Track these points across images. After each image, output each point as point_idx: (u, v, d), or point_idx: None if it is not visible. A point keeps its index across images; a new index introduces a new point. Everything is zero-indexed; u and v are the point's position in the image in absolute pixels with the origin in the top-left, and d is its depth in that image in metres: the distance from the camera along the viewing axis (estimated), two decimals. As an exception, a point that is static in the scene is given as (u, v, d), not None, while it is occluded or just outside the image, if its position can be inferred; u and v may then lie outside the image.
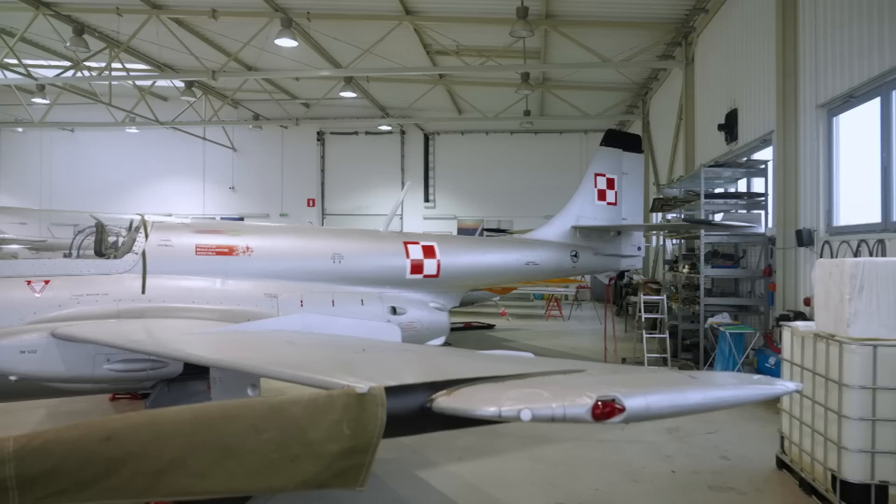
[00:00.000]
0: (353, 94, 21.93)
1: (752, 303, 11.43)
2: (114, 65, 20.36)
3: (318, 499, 5.88)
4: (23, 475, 1.88)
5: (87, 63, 20.88)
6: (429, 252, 8.99)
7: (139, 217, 7.35)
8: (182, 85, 23.66)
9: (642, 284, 17.49)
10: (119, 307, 6.64)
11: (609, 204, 11.43)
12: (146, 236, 7.14)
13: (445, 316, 9.03)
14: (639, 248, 11.51)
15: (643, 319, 11.81)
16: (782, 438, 6.69)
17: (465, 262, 9.33)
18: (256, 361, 3.78)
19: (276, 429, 2.11)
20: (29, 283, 6.41)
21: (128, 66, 21.76)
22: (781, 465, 6.67)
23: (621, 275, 21.07)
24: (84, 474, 1.96)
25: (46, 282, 6.49)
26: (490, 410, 2.30)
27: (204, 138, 28.25)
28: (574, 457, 7.16)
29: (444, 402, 2.43)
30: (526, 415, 2.22)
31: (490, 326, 17.78)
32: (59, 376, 5.74)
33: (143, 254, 7.02)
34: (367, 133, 29.08)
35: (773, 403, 7.59)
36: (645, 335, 11.70)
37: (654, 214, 17.26)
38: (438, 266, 8.99)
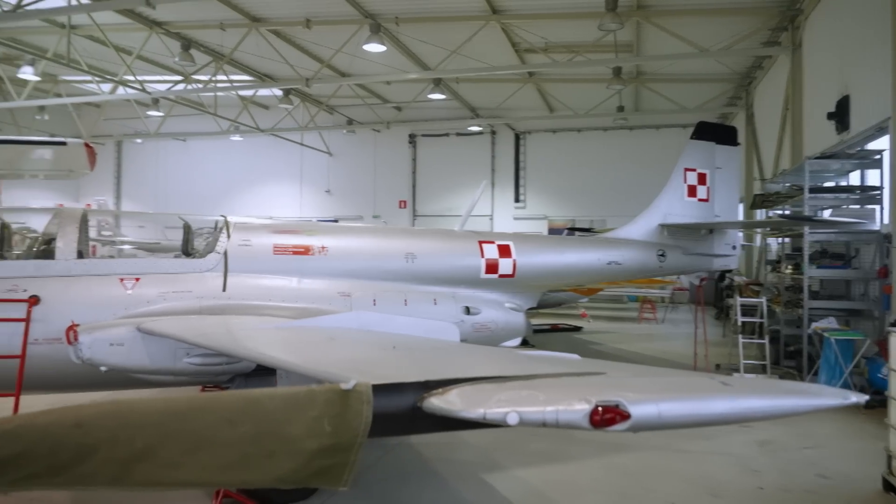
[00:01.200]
0: (442, 96, 22.07)
1: (865, 307, 10.41)
2: (219, 76, 21.60)
3: (378, 497, 5.89)
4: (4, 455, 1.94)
5: (195, 76, 22.29)
6: (504, 251, 8.82)
7: (222, 218, 7.67)
8: (281, 94, 24.80)
9: (743, 286, 16.42)
10: (201, 304, 6.95)
11: (700, 200, 10.78)
12: (228, 236, 7.43)
13: (522, 317, 8.82)
14: (734, 248, 10.78)
15: (740, 323, 11.06)
16: (889, 457, 6.01)
17: (542, 261, 9.08)
18: (287, 356, 3.80)
19: (251, 423, 2.08)
20: (121, 280, 6.84)
21: (231, 77, 23.00)
22: (888, 487, 6.00)
23: (722, 276, 19.92)
24: (56, 460, 2.00)
25: (137, 279, 6.89)
26: (475, 412, 2.15)
27: (302, 144, 29.43)
28: (652, 467, 6.78)
29: (434, 401, 2.31)
30: (513, 418, 2.06)
31: (577, 329, 17.30)
32: (144, 368, 6.06)
33: (225, 253, 7.30)
34: (457, 134, 29.21)
35: (880, 417, 6.85)
36: (741, 340, 10.95)
37: (757, 212, 16.18)
38: (514, 265, 8.81)
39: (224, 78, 22.32)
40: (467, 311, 8.27)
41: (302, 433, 2.08)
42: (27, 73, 20.75)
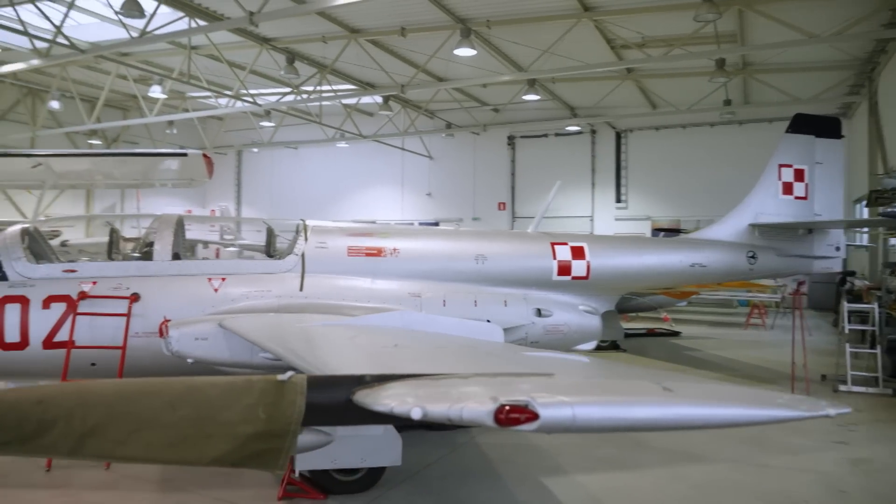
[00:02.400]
0: (537, 97, 21.94)
1: None
2: (323, 86, 22.69)
3: (436, 493, 6.03)
4: None
5: (303, 87, 23.55)
6: (578, 253, 8.69)
7: (301, 222, 8.13)
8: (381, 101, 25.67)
9: (864, 290, 15.08)
10: (280, 303, 7.39)
11: (797, 198, 10.03)
12: (305, 239, 7.87)
13: (597, 319, 8.65)
14: (837, 249, 9.93)
15: (847, 331, 10.21)
16: None
17: (618, 263, 8.85)
18: (296, 354, 4.01)
19: (191, 407, 2.29)
20: (210, 280, 7.44)
21: (335, 87, 24.08)
22: None
23: (843, 279, 18.38)
24: (22, 431, 2.31)
25: (223, 279, 7.47)
26: (386, 405, 2.21)
27: (403, 149, 30.24)
28: (723, 480, 6.45)
29: (361, 395, 2.39)
30: (416, 412, 2.11)
31: (675, 333, 16.61)
32: (225, 361, 6.56)
33: (303, 255, 7.74)
34: (556, 135, 28.86)
35: None
36: (849, 350, 10.11)
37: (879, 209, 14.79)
38: (588, 267, 8.65)
39: (328, 88, 23.40)
40: (538, 313, 8.22)
41: (237, 419, 2.27)
42: (156, 92, 22.83)
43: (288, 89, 24.06)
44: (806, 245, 9.87)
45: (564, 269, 8.58)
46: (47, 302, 7.00)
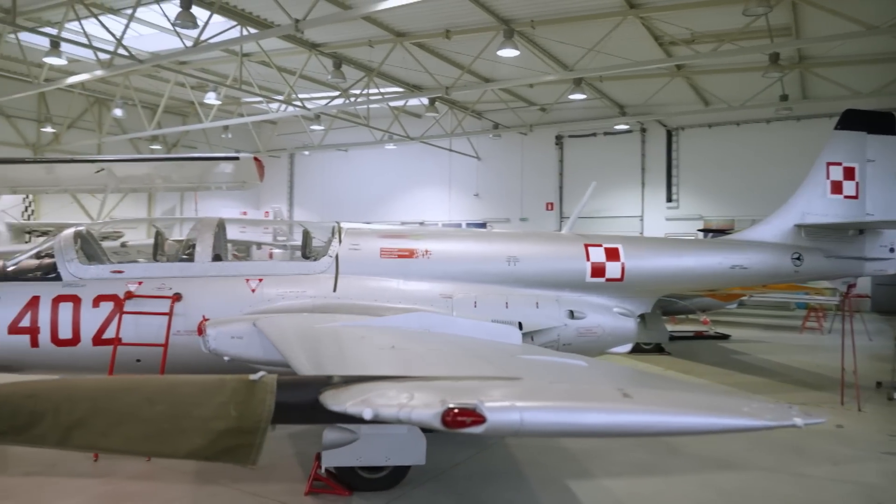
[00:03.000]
0: (583, 96, 21.70)
1: None
2: (371, 90, 23.04)
3: (459, 493, 6.08)
4: None
5: (351, 91, 23.98)
6: (612, 254, 8.58)
7: (336, 224, 8.32)
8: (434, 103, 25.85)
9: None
10: (314, 303, 7.59)
11: (847, 197, 9.61)
12: (339, 241, 8.06)
13: (632, 322, 8.53)
14: (892, 250, 9.46)
15: (903, 336, 9.72)
16: None
17: (654, 265, 8.68)
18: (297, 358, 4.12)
19: (168, 403, 2.43)
20: (247, 280, 7.70)
21: (382, 90, 24.41)
22: None
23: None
24: (15, 422, 2.49)
25: (260, 280, 7.72)
26: (341, 406, 2.28)
27: (450, 150, 30.38)
28: (754, 488, 6.29)
29: (326, 396, 2.46)
30: (367, 413, 2.17)
31: (725, 337, 16.15)
32: (259, 359, 6.77)
33: (336, 257, 7.93)
34: (605, 134, 28.44)
35: None
36: (904, 356, 9.64)
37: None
38: (623, 269, 8.53)
39: (375, 91, 23.75)
40: (571, 315, 8.18)
41: (210, 415, 2.40)
42: (211, 99, 23.67)
43: (336, 93, 24.56)
44: (856, 246, 9.46)
45: (598, 270, 8.50)
46: (97, 301, 7.38)
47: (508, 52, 17.40)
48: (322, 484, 6.02)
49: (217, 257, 8.02)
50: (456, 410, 2.00)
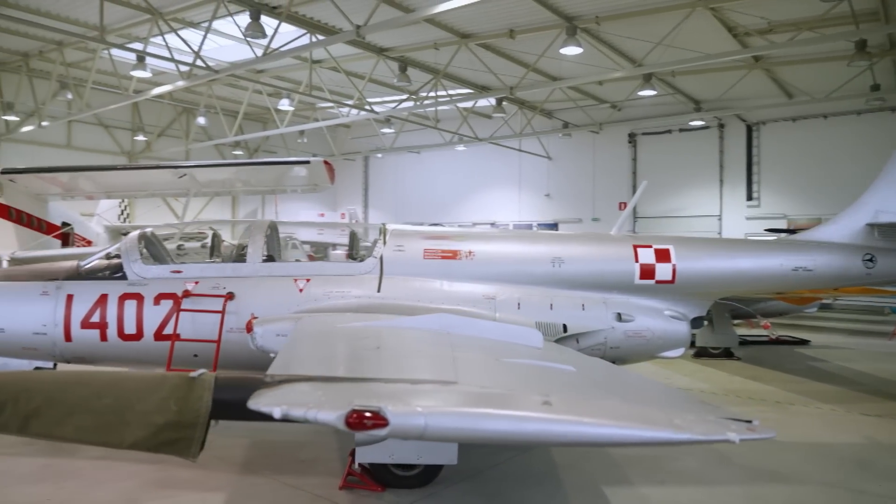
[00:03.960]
0: (653, 92, 21.03)
1: None
2: (438, 91, 23.25)
3: (490, 494, 6.06)
4: None
5: (420, 94, 24.28)
6: (662, 256, 8.29)
7: (382, 226, 8.48)
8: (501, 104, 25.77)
9: None
10: (358, 303, 7.76)
11: (929, 194, 8.86)
12: (384, 242, 8.20)
13: (684, 325, 8.21)
14: (983, 252, 8.63)
15: None
16: None
17: (708, 266, 8.31)
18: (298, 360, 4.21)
19: (113, 397, 2.56)
20: (295, 281, 7.97)
21: (450, 91, 24.56)
22: None
23: None
24: None
25: (308, 280, 7.97)
26: (256, 405, 2.31)
27: (520, 150, 30.19)
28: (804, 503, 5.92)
29: (255, 395, 2.49)
30: (277, 412, 2.19)
31: (803, 342, 15.25)
32: (302, 357, 7.02)
33: (381, 258, 8.08)
34: (680, 130, 27.40)
35: None
36: None
37: None
38: (674, 271, 8.23)
39: (443, 93, 23.93)
40: (619, 317, 7.99)
41: (152, 409, 2.52)
42: (284, 105, 24.59)
43: (404, 96, 24.94)
44: (939, 247, 8.70)
45: (647, 272, 8.24)
46: (158, 299, 7.83)
47: (571, 50, 17.13)
48: (356, 479, 6.16)
49: (269, 258, 8.33)
50: (359, 413, 2.03)
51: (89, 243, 22.22)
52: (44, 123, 24.06)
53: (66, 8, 18.82)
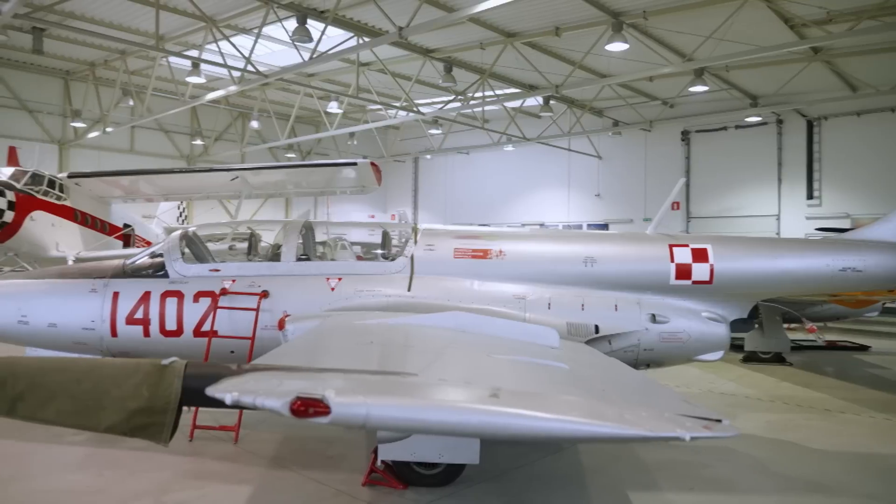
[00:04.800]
0: (705, 88, 20.43)
1: None
2: (484, 92, 23.21)
3: (511, 495, 6.01)
4: None
5: (467, 94, 24.31)
6: (699, 255, 8.03)
7: (413, 225, 8.53)
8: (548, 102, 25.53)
9: None
10: (388, 301, 7.83)
11: None
12: (415, 242, 8.25)
13: (723, 328, 7.94)
14: None
15: None
16: None
17: (748, 266, 7.99)
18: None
19: (91, 382, 2.65)
20: (327, 279, 8.10)
21: (497, 91, 24.47)
22: None
23: None
24: None
25: (340, 279, 8.09)
26: (212, 391, 2.34)
27: (569, 149, 29.82)
28: (843, 515, 5.64)
29: (219, 382, 2.52)
30: (228, 398, 2.21)
31: (863, 348, 14.50)
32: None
33: (412, 257, 8.12)
34: (736, 127, 26.49)
35: None
36: None
37: None
38: (711, 271, 7.96)
39: (490, 93, 23.88)
40: (653, 318, 7.81)
41: (126, 395, 2.61)
42: (333, 108, 25.03)
43: (450, 97, 25.00)
44: None
45: (684, 272, 8.01)
46: (197, 296, 8.08)
47: (617, 46, 16.84)
48: (379, 476, 6.21)
49: (300, 257, 8.49)
50: (303, 401, 2.05)
51: (149, 244, 23.16)
52: (108, 129, 25.22)
53: (127, 18, 19.72)
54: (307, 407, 2.09)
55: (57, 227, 18.21)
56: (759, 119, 25.39)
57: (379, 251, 9.04)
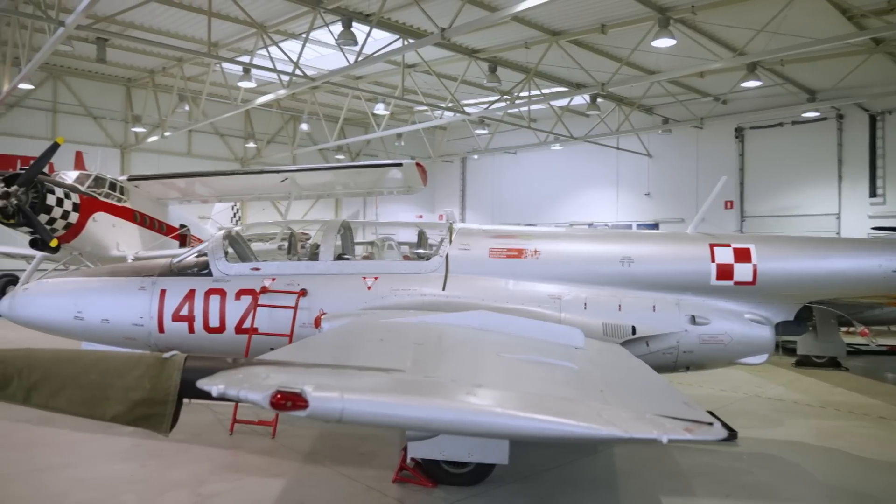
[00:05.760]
0: (759, 83, 19.77)
1: None
2: (530, 91, 23.07)
3: (539, 497, 5.97)
4: None
5: (512, 94, 24.21)
6: (742, 255, 7.79)
7: (449, 225, 8.57)
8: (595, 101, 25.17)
9: None
10: (422, 300, 7.89)
11: None
12: (450, 242, 8.28)
13: (767, 330, 7.68)
14: None
15: None
16: None
17: (794, 267, 7.70)
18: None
19: (97, 374, 2.76)
20: (364, 278, 8.21)
21: (544, 90, 24.27)
22: None
23: None
24: None
25: (376, 278, 8.20)
26: (203, 383, 2.38)
27: (617, 148, 29.32)
28: (888, 528, 5.38)
29: (211, 375, 2.57)
30: (214, 391, 2.25)
31: (928, 353, 13.76)
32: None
33: (447, 257, 8.16)
34: (793, 123, 25.50)
35: None
36: None
37: None
38: (754, 271, 7.71)
39: (536, 92, 23.71)
40: (693, 320, 7.62)
41: (129, 386, 2.71)
42: (380, 109, 25.33)
43: (496, 97, 24.95)
44: None
45: (725, 272, 7.79)
46: (238, 294, 8.33)
47: (664, 42, 16.50)
48: (408, 474, 6.27)
49: (338, 256, 8.64)
50: (283, 394, 2.09)
51: (203, 244, 23.96)
52: (166, 133, 26.19)
53: (183, 26, 20.45)
54: (286, 400, 2.15)
55: (117, 227, 19.00)
56: (818, 114, 24.36)
57: (415, 250, 9.11)
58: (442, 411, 2.16)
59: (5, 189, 14.59)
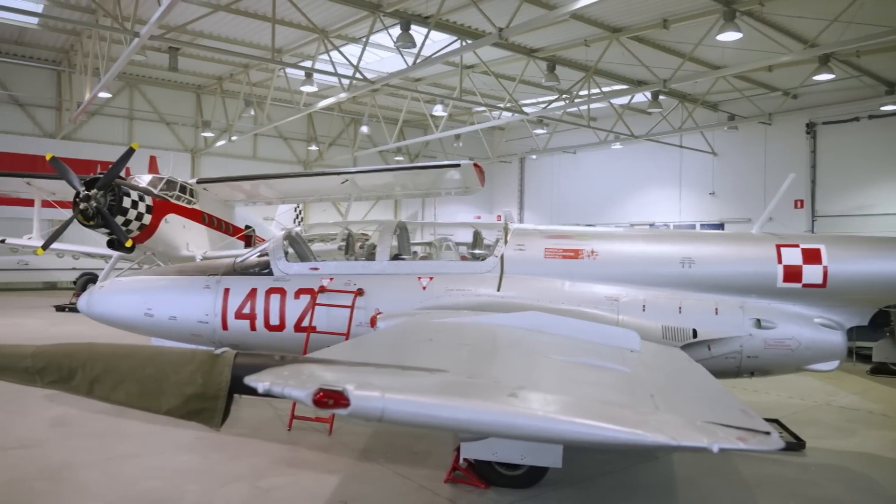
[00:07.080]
0: (832, 76, 18.86)
1: None
2: (590, 89, 22.74)
3: (592, 501, 5.87)
4: (35, 366, 3.21)
5: (572, 92, 23.92)
6: (811, 256, 7.43)
7: (505, 225, 8.53)
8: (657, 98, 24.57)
9: None
10: (477, 300, 7.88)
11: None
12: (505, 242, 8.25)
13: (838, 336, 7.30)
14: None
15: None
16: None
17: (868, 269, 7.28)
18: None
19: (154, 368, 2.86)
20: (419, 279, 8.28)
21: (604, 88, 23.88)
22: None
23: None
24: (61, 374, 3.15)
25: (431, 278, 8.25)
26: (250, 379, 2.41)
27: (680, 146, 28.53)
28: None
29: (259, 372, 2.60)
30: (260, 387, 2.27)
31: None
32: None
33: (502, 257, 8.14)
34: (870, 117, 24.19)
35: None
36: None
37: None
38: (825, 273, 7.35)
39: (596, 90, 23.35)
40: (758, 324, 7.33)
41: (183, 380, 2.80)
42: (438, 111, 25.47)
43: (556, 95, 24.69)
44: None
45: (793, 274, 7.46)
46: (298, 293, 8.54)
47: (730, 36, 15.93)
48: (461, 475, 6.27)
49: (394, 256, 8.74)
50: (325, 392, 2.11)
51: (267, 244, 24.67)
52: (234, 138, 27.13)
53: (248, 34, 21.17)
54: (328, 398, 2.18)
55: (187, 228, 19.79)
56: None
57: (471, 251, 9.12)
58: (480, 413, 2.15)
59: (86, 192, 15.42)
